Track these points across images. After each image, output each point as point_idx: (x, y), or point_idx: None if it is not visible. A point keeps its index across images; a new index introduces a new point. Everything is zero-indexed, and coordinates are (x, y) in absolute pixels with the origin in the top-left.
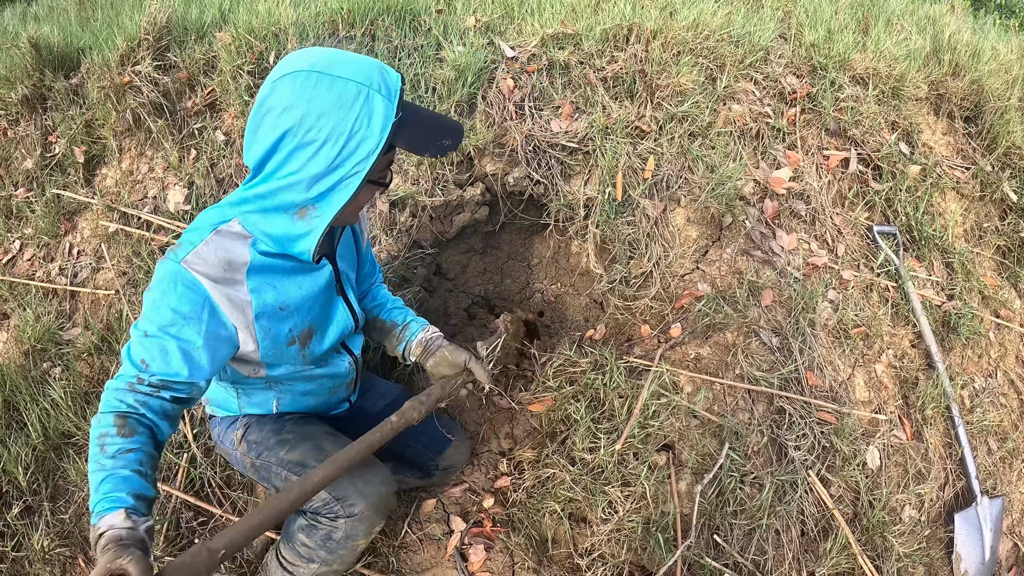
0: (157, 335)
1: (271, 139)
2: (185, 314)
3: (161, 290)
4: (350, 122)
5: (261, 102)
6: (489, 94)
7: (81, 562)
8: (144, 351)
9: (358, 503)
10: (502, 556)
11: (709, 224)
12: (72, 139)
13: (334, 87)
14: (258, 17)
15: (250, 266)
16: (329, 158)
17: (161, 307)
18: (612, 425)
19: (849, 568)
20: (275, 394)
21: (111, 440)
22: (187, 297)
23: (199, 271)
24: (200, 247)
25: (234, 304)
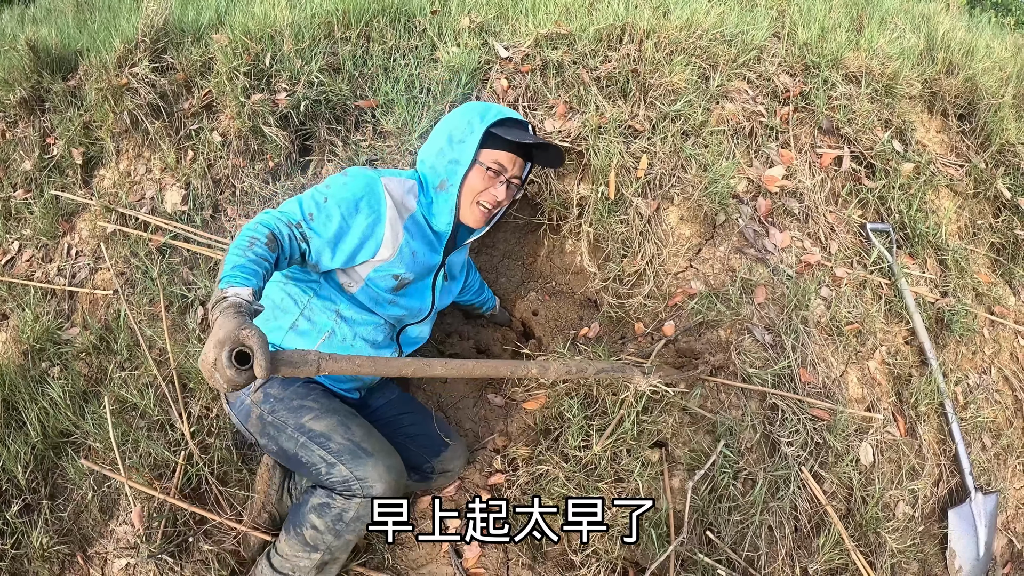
0: (333, 205)
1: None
2: (360, 206)
3: (356, 181)
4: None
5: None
6: (483, 94)
7: (80, 559)
8: (316, 208)
9: (378, 485)
10: (496, 552)
11: (702, 222)
12: (70, 140)
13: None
14: (254, 19)
15: (411, 215)
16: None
17: (348, 190)
18: (605, 422)
19: (842, 564)
20: (333, 325)
21: (260, 245)
22: (370, 198)
23: (389, 190)
24: (396, 179)
25: (393, 228)
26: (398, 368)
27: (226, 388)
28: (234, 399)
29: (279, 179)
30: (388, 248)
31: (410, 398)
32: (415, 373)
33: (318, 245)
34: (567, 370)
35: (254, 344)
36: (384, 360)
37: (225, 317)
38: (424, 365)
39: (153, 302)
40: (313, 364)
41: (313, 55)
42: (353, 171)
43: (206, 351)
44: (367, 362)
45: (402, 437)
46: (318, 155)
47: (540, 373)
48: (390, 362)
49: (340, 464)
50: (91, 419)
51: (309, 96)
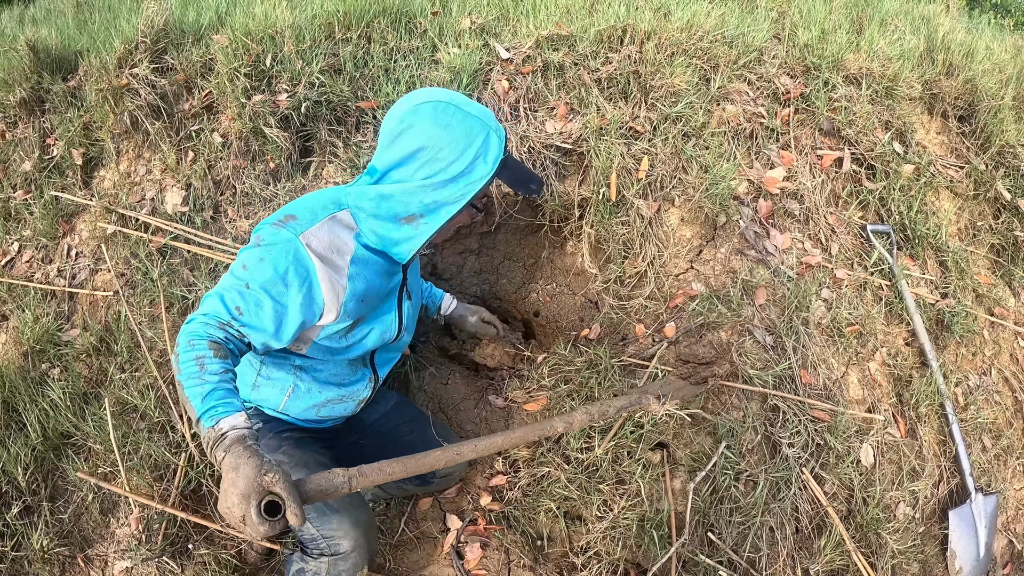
0: (257, 291)
1: (407, 151)
2: (288, 281)
3: (272, 253)
4: (473, 151)
5: (401, 118)
6: (484, 95)
7: (80, 561)
8: (241, 300)
9: (344, 542)
10: (498, 554)
11: (703, 224)
12: (70, 141)
13: (466, 121)
14: (255, 19)
15: (353, 256)
16: (450, 175)
17: (267, 267)
18: (606, 424)
19: (843, 565)
20: (294, 380)
21: (210, 361)
22: (294, 268)
23: (312, 249)
24: (316, 228)
25: (332, 286)
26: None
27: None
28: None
29: (280, 180)
30: (332, 311)
31: (408, 405)
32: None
33: (258, 338)
34: (590, 417)
35: (282, 491)
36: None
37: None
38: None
39: (154, 303)
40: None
41: (314, 56)
42: (266, 239)
43: (230, 504)
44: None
45: (400, 446)
46: (319, 156)
47: (566, 428)
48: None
49: (307, 522)
50: (91, 421)
51: (310, 97)
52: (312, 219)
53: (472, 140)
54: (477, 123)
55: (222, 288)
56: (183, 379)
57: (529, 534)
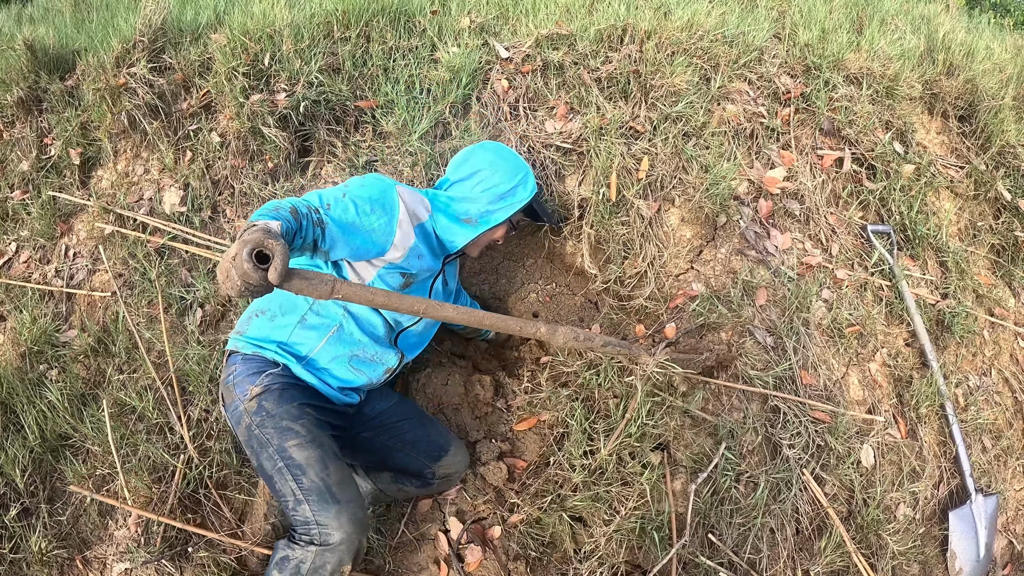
0: (350, 200)
1: (472, 170)
2: (375, 207)
3: (372, 185)
4: (517, 179)
5: (471, 149)
6: (484, 95)
7: (79, 563)
8: (335, 200)
9: (336, 534)
10: (498, 555)
11: (703, 224)
12: (68, 141)
13: (514, 159)
14: (253, 18)
15: (421, 224)
16: (500, 192)
17: (366, 191)
18: (608, 424)
19: (844, 566)
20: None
21: (284, 211)
22: (385, 202)
23: (403, 197)
24: (407, 189)
25: (404, 231)
26: (410, 305)
27: (239, 286)
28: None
29: (278, 180)
30: (398, 249)
31: (410, 404)
32: (426, 312)
33: (332, 232)
34: (575, 336)
35: (277, 250)
36: (398, 296)
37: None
38: (436, 306)
39: (151, 304)
40: (328, 285)
41: (312, 55)
42: (371, 176)
43: (229, 251)
44: (381, 294)
45: (401, 443)
46: (317, 156)
47: (549, 333)
48: (403, 298)
49: (306, 503)
50: (90, 423)
51: (308, 96)
52: (405, 187)
53: (517, 171)
54: (521, 162)
55: (322, 190)
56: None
57: (530, 535)
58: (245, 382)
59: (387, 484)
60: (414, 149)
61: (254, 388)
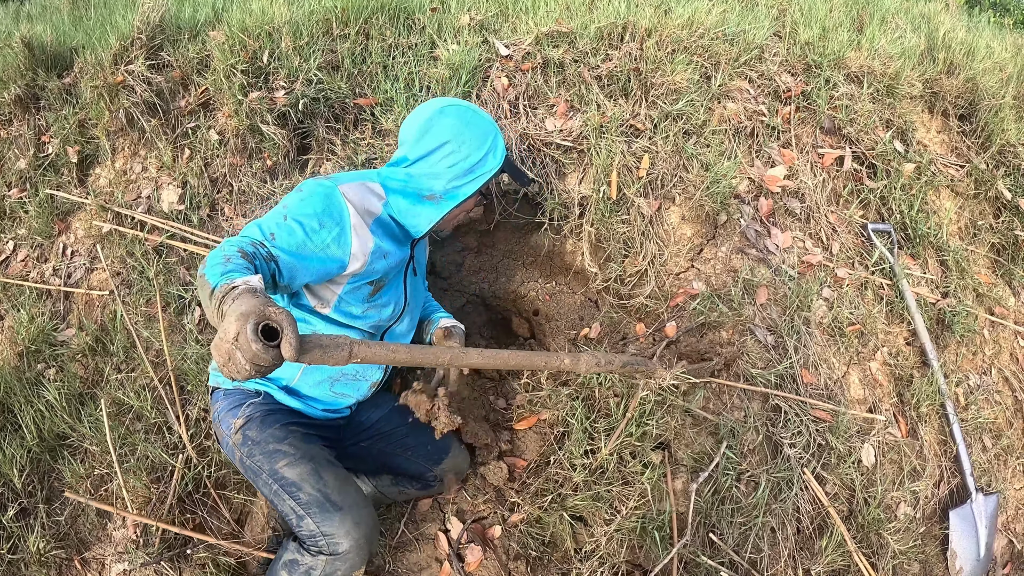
0: (292, 221)
1: (436, 143)
2: (322, 221)
3: (312, 196)
4: (486, 147)
5: (430, 116)
6: (484, 92)
7: (77, 564)
8: (277, 227)
9: (344, 542)
10: (499, 556)
11: (704, 222)
12: (65, 139)
13: (482, 123)
14: (252, 16)
15: (377, 218)
16: (468, 164)
17: (307, 206)
18: (609, 424)
19: (845, 565)
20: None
21: (237, 259)
22: (331, 211)
23: (348, 199)
24: (353, 184)
25: (360, 236)
26: (435, 356)
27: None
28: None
29: (277, 178)
30: (358, 259)
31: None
32: (451, 362)
33: (286, 263)
34: (596, 362)
35: (283, 320)
36: (420, 349)
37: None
38: (460, 354)
39: (150, 303)
40: (345, 349)
41: (311, 53)
42: (308, 185)
43: (225, 329)
44: (402, 349)
45: (400, 448)
46: (316, 154)
47: (572, 364)
48: (426, 351)
49: (308, 517)
50: (88, 422)
51: (307, 94)
52: (349, 179)
53: (486, 138)
54: (490, 125)
55: (261, 220)
56: (205, 270)
57: (530, 535)
58: (228, 417)
59: (387, 486)
60: None
61: (237, 421)
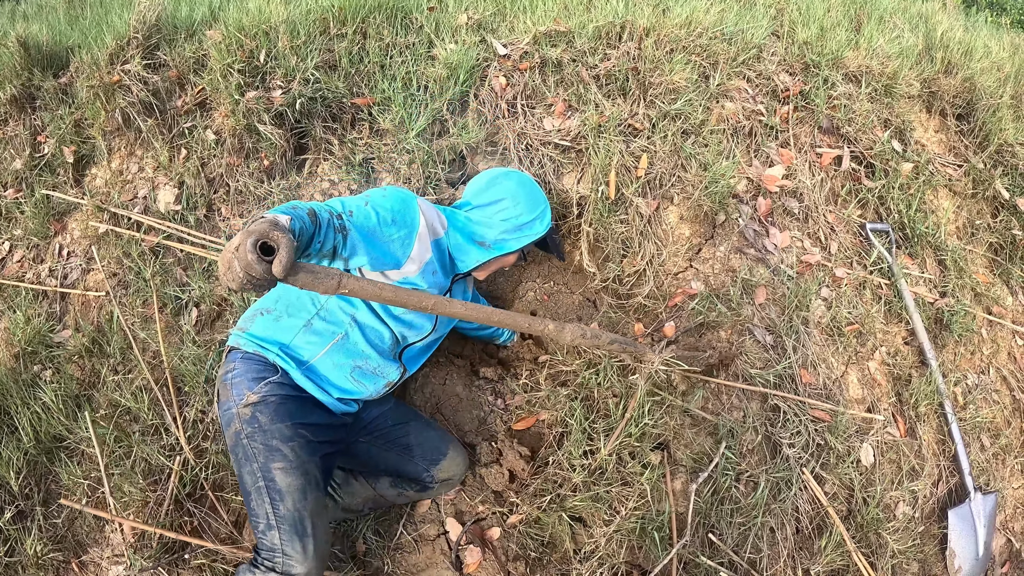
0: (372, 209)
1: (496, 197)
2: (396, 219)
3: (394, 196)
4: (536, 212)
5: (496, 176)
6: (481, 92)
7: (75, 567)
8: (356, 208)
9: (298, 567)
10: (498, 557)
11: (702, 222)
12: (61, 139)
13: (537, 193)
14: (249, 15)
15: (437, 240)
16: (519, 223)
17: (387, 202)
18: (608, 424)
19: (844, 565)
20: (347, 328)
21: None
22: (406, 214)
23: (423, 210)
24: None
25: (422, 244)
26: (419, 300)
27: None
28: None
29: (274, 178)
30: (415, 263)
31: (406, 408)
32: (435, 307)
33: (354, 239)
34: (582, 333)
35: (282, 242)
36: (405, 291)
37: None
38: (444, 302)
39: (146, 303)
40: (334, 279)
41: (309, 52)
42: (391, 188)
43: (232, 241)
44: (388, 289)
45: (399, 448)
46: (314, 153)
47: (556, 331)
48: (411, 294)
49: (277, 530)
50: (84, 424)
51: (304, 94)
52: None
53: (537, 205)
54: (542, 196)
55: (345, 198)
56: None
57: (529, 536)
58: (242, 385)
59: (386, 489)
60: (411, 147)
61: (251, 395)
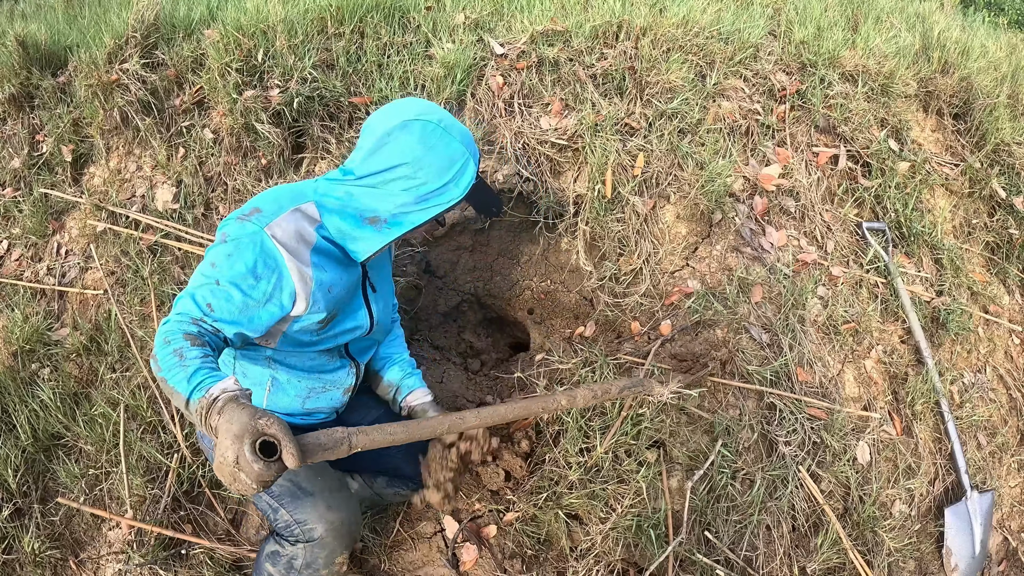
0: (227, 286)
1: (389, 162)
2: (258, 274)
3: (240, 248)
4: (449, 176)
5: (389, 131)
6: (478, 91)
7: (72, 565)
8: (213, 297)
9: (318, 527)
10: (494, 555)
11: (699, 221)
12: (60, 138)
13: (450, 146)
14: (246, 14)
15: (314, 247)
16: (422, 194)
17: (236, 262)
18: (604, 422)
19: (840, 563)
20: (271, 372)
21: (188, 350)
22: (263, 260)
23: (278, 239)
24: (280, 219)
25: (300, 275)
26: (433, 429)
27: (255, 487)
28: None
29: (272, 177)
30: (301, 299)
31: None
32: (451, 430)
33: (232, 331)
34: (593, 395)
35: (277, 432)
36: (416, 424)
37: (231, 414)
38: (458, 420)
39: (144, 302)
40: (344, 443)
41: (306, 51)
42: (231, 232)
43: (223, 453)
44: (399, 428)
45: (393, 450)
46: (311, 152)
47: (569, 403)
48: (422, 424)
49: (282, 508)
50: (82, 421)
51: (302, 93)
52: (277, 211)
53: (451, 165)
54: (459, 149)
55: (193, 287)
56: (164, 373)
57: (526, 534)
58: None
59: (383, 487)
60: None
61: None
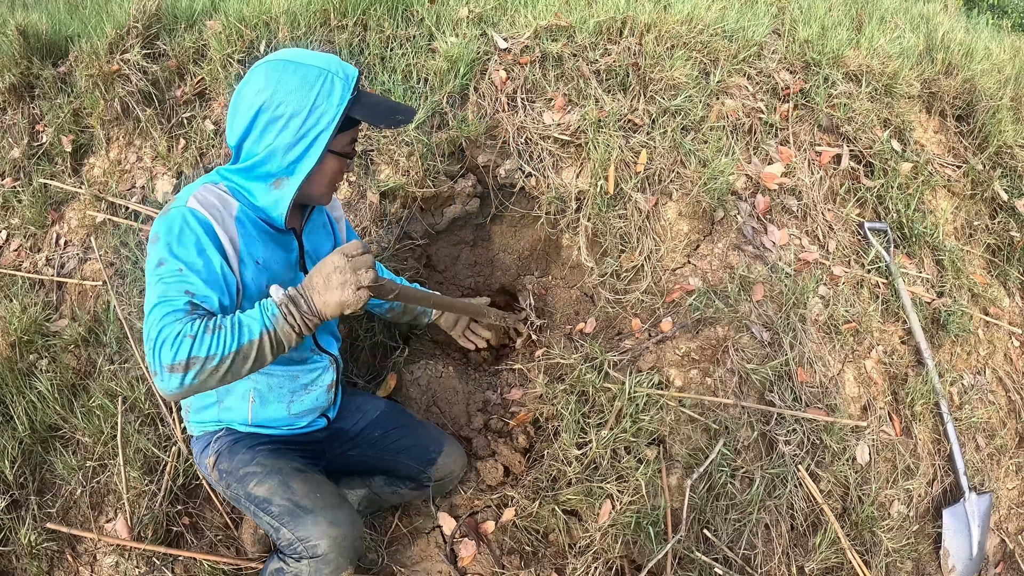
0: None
1: (247, 118)
2: (202, 245)
3: (176, 231)
4: (312, 97)
5: (238, 90)
6: (481, 85)
7: (69, 556)
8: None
9: (321, 543)
10: (492, 551)
11: (701, 218)
12: (60, 128)
13: (299, 70)
14: (249, 5)
15: (237, 215)
16: (295, 128)
17: (183, 243)
18: (602, 418)
19: (838, 563)
20: (251, 384)
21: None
22: (201, 230)
23: (203, 206)
24: (196, 192)
25: (229, 239)
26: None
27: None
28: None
29: None
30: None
31: (398, 410)
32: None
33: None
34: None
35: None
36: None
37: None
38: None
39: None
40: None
41: (309, 43)
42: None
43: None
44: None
45: (392, 453)
46: None
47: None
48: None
49: (283, 528)
50: (80, 413)
51: None
52: (190, 191)
53: (310, 88)
54: (313, 70)
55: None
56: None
57: (525, 530)
58: (203, 458)
59: (380, 487)
60: (410, 139)
61: (209, 460)
